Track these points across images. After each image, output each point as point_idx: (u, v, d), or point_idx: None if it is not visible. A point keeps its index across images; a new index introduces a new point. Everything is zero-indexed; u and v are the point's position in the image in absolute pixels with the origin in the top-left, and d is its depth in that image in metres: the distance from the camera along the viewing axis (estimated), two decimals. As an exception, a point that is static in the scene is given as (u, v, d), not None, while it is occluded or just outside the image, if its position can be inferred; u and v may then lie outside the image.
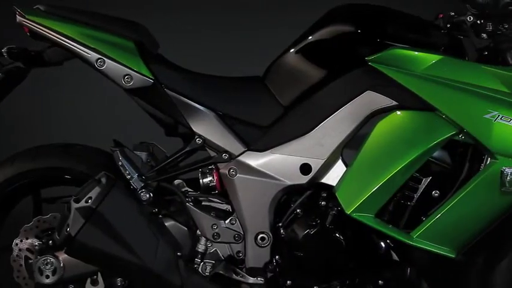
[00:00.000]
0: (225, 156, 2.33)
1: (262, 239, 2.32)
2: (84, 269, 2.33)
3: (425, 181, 2.25)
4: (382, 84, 2.23)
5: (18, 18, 2.33)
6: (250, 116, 2.35)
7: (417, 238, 2.21)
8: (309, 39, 2.31)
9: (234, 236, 2.34)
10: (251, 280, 2.31)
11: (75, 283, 2.38)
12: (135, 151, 2.40)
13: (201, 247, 2.35)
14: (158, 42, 2.47)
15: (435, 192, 2.25)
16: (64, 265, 2.32)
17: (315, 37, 2.31)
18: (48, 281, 2.33)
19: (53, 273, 2.32)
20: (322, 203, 2.32)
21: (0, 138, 4.01)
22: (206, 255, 2.35)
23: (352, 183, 2.24)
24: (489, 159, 2.17)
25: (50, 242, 2.35)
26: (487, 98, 2.16)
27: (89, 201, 2.23)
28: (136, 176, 2.33)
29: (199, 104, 2.35)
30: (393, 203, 2.26)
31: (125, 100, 2.48)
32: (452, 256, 2.22)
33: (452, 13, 2.33)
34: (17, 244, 2.44)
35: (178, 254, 2.30)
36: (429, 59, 2.21)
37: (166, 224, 2.36)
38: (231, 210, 2.36)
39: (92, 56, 2.31)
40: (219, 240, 2.34)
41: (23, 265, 2.44)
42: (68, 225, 2.23)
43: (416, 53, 2.22)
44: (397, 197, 2.26)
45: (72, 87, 4.01)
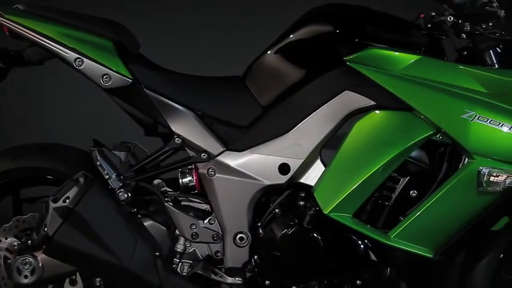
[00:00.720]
0: (204, 156, 2.33)
1: (241, 239, 2.32)
2: (63, 269, 2.32)
3: (403, 181, 2.25)
4: (360, 84, 2.23)
5: (-3, 17, 2.33)
6: (229, 115, 2.35)
7: (395, 238, 2.22)
8: (288, 39, 2.31)
9: (213, 235, 2.34)
10: (230, 280, 2.31)
11: (54, 283, 2.38)
12: (114, 151, 2.39)
13: (179, 247, 2.35)
14: (139, 42, 2.47)
15: (413, 192, 2.25)
16: (43, 265, 2.32)
17: (294, 37, 2.31)
18: (26, 281, 2.32)
19: (32, 273, 2.32)
20: (300, 203, 2.32)
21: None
22: (185, 255, 2.35)
23: (330, 183, 2.24)
24: (466, 159, 2.17)
25: (28, 241, 2.35)
26: (464, 98, 2.16)
27: (67, 201, 2.23)
28: (114, 175, 2.33)
29: (178, 103, 2.35)
30: (371, 203, 2.26)
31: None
32: (430, 256, 2.23)
33: (433, 13, 2.32)
34: (-4, 244, 2.44)
35: (156, 253, 2.29)
36: (407, 59, 2.21)
37: (145, 223, 2.36)
38: (210, 210, 2.35)
39: (71, 55, 2.31)
40: (197, 240, 2.34)
41: (2, 265, 2.43)
42: (45, 225, 2.23)
43: (394, 53, 2.22)
44: (375, 197, 2.26)
45: (56, 86, 3.98)
